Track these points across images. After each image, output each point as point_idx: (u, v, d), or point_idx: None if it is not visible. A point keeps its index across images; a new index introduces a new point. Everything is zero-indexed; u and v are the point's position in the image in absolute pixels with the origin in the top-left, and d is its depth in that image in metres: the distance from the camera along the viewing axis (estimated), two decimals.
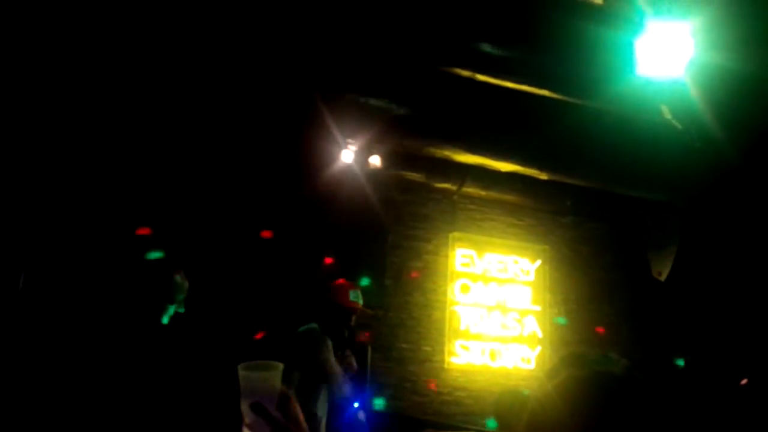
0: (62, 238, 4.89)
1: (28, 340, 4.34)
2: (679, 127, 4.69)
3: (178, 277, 3.62)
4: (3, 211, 4.56)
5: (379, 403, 5.91)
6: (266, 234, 5.28)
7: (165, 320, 3.57)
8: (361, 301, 4.38)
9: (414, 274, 6.32)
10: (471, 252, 6.65)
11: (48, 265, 4.79)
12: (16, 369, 4.02)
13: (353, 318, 4.32)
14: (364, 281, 6.05)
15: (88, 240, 4.93)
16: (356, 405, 4.80)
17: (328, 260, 5.60)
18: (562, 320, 6.80)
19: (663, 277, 6.40)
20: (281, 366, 1.10)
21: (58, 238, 4.87)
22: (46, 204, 4.82)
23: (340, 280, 4.43)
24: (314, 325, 4.15)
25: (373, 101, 4.56)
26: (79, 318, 4.32)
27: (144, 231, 4.82)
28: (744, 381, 4.80)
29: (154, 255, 4.24)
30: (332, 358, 4.00)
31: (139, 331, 3.49)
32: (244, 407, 1.07)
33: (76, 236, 4.92)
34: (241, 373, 1.08)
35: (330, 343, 4.04)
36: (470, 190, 6.25)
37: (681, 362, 6.48)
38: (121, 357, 3.45)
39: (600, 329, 6.83)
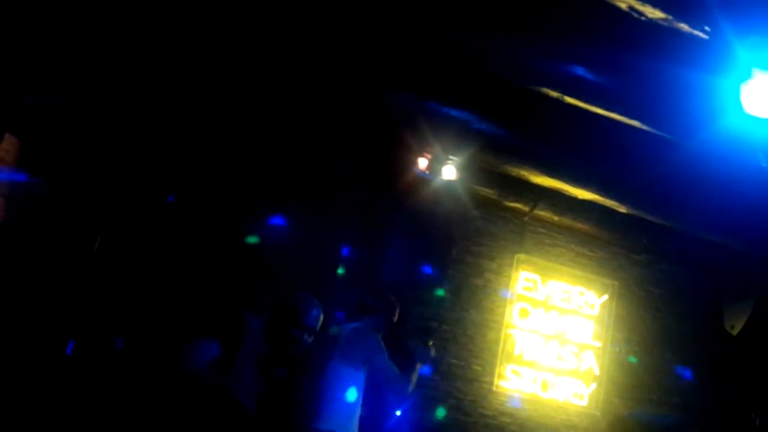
0: (134, 207, 5.13)
1: (103, 297, 4.60)
2: None
3: None
4: (81, 182, 4.81)
5: (441, 413, 5.86)
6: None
7: None
8: None
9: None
10: (535, 276, 6.47)
11: (121, 231, 5.04)
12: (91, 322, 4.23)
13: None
14: (440, 292, 6.05)
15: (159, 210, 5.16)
16: (398, 413, 4.77)
17: None
18: (633, 359, 6.52)
19: (735, 331, 6.05)
20: None
21: (130, 207, 5.11)
22: (120, 176, 5.06)
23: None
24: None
25: (454, 111, 4.50)
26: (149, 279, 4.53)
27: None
28: None
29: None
30: None
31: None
32: None
33: (147, 207, 5.16)
34: None
35: None
36: (542, 213, 6.08)
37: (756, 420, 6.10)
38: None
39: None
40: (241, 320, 2.81)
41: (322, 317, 2.93)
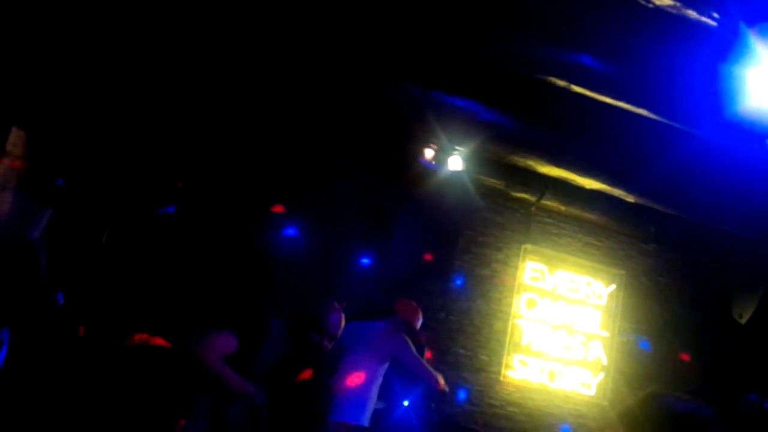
0: (139, 203, 5.15)
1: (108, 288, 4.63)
2: None
3: None
4: (89, 175, 4.82)
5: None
6: (278, 208, 5.28)
7: None
8: None
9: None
10: (542, 267, 6.46)
11: (129, 226, 5.07)
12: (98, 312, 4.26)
13: None
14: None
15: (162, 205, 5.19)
16: (406, 403, 4.79)
17: None
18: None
19: (744, 320, 6.02)
20: None
21: (136, 203, 5.13)
22: (129, 171, 5.08)
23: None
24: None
25: (460, 102, 4.49)
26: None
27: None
28: None
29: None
30: None
31: None
32: None
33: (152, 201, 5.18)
34: None
35: None
36: (549, 203, 6.06)
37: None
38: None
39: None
40: (266, 321, 2.83)
41: (343, 322, 2.95)
